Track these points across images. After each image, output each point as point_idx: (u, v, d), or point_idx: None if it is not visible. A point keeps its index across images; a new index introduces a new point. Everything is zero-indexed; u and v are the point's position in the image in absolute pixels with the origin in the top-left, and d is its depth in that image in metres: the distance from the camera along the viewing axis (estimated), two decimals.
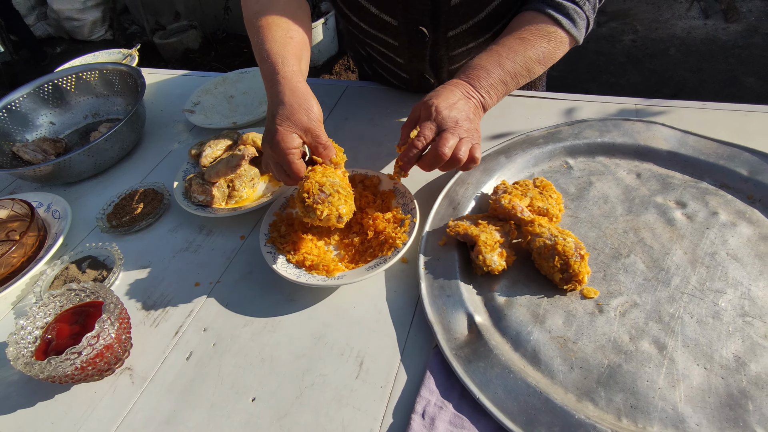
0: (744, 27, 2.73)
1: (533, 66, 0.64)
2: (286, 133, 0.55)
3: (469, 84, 0.62)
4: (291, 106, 0.56)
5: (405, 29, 0.75)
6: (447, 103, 0.58)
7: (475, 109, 0.61)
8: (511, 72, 0.63)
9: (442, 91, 0.61)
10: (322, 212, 0.53)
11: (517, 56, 0.63)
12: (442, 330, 0.52)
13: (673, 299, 0.51)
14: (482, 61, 0.63)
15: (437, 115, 0.58)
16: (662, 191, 0.63)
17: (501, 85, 0.63)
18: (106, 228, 0.73)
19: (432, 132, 0.58)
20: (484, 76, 0.62)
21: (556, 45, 0.65)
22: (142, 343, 0.57)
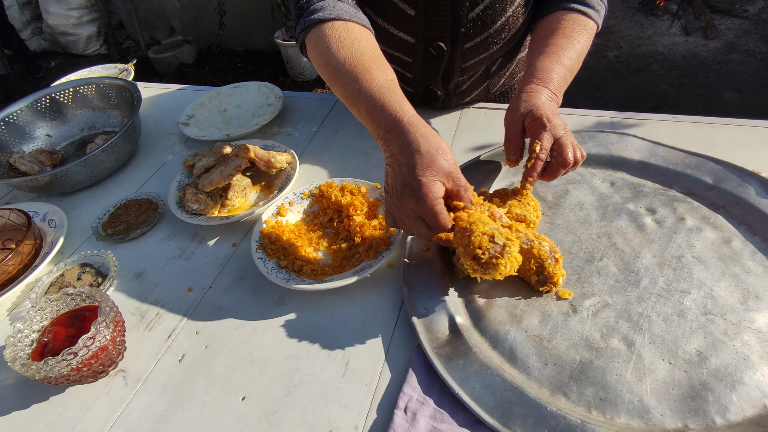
0: (722, 44, 2.83)
1: (580, 57, 0.70)
2: (431, 183, 0.51)
3: (545, 87, 0.64)
4: (429, 153, 0.51)
5: (423, 46, 0.79)
6: (551, 111, 0.61)
7: (557, 110, 0.65)
8: (568, 67, 0.67)
9: (535, 99, 0.62)
10: (506, 266, 0.49)
11: (569, 52, 0.68)
12: (424, 330, 0.54)
13: (641, 299, 0.55)
14: (545, 63, 0.66)
15: (550, 125, 0.60)
16: (634, 199, 0.67)
17: (564, 82, 0.67)
18: (102, 236, 0.75)
19: (551, 142, 0.60)
20: (555, 77, 0.65)
21: (591, 35, 0.71)
22: (136, 347, 0.59)
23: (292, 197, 0.74)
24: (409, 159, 0.52)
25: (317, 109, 0.99)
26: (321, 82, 3.09)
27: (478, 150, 0.81)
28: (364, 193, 0.70)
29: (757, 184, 0.63)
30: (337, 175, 0.82)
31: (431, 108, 0.93)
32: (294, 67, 3.05)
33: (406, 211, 0.54)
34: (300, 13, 0.67)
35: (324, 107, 1.00)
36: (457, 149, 0.82)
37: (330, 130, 0.93)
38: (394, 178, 0.54)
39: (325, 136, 0.92)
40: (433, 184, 0.51)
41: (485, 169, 0.74)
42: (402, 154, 0.53)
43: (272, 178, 0.81)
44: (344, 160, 0.84)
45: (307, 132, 0.94)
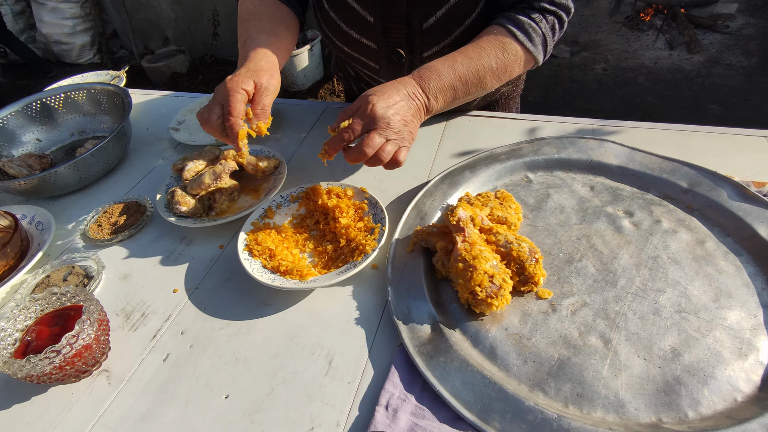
0: (706, 58, 2.91)
1: (485, 75, 0.68)
2: (245, 76, 0.62)
3: (418, 84, 0.64)
4: (261, 66, 0.65)
5: (384, 52, 0.82)
6: (385, 102, 0.60)
7: (417, 111, 0.64)
8: (462, 77, 0.65)
9: (388, 87, 0.62)
10: (498, 306, 0.53)
11: (471, 63, 0.66)
12: (407, 329, 0.55)
13: (619, 298, 0.56)
14: (437, 63, 0.66)
15: (371, 113, 0.59)
16: (613, 202, 0.69)
17: (450, 90, 0.66)
18: (89, 239, 0.75)
19: (360, 127, 0.60)
20: (435, 78, 0.64)
21: (510, 58, 0.69)
22: (120, 346, 0.59)
23: (280, 200, 0.75)
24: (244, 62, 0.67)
25: (307, 116, 1.01)
26: (314, 92, 3.12)
27: (462, 156, 0.83)
28: (350, 195, 0.71)
29: (729, 187, 0.65)
30: (324, 179, 0.83)
31: None
32: (287, 77, 3.08)
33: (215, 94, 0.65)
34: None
35: (313, 114, 1.01)
36: (442, 155, 0.84)
37: (319, 137, 0.94)
38: None
39: (314, 142, 0.93)
40: (246, 79, 0.63)
41: (468, 174, 0.75)
42: (242, 62, 0.68)
43: (260, 182, 0.82)
44: (332, 165, 0.86)
45: (296, 138, 0.95)
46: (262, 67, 0.65)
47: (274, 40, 0.73)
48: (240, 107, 0.61)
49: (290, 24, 0.80)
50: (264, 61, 0.67)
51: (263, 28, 0.74)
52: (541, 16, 0.70)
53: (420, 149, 0.86)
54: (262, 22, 0.75)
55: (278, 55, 0.72)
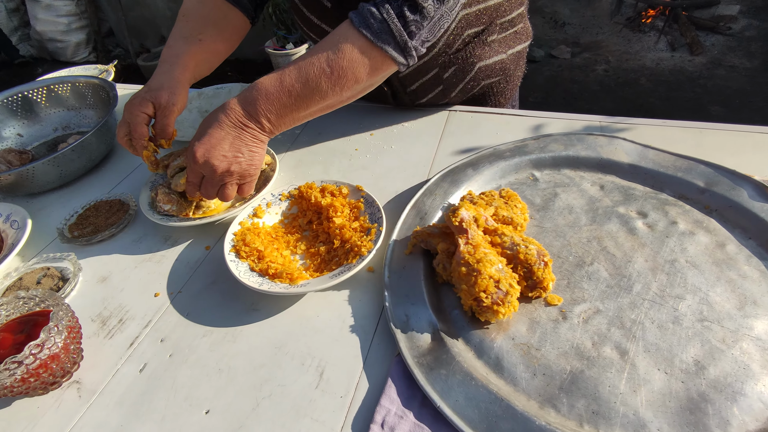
0: (708, 59, 2.88)
1: (318, 81, 0.58)
2: (144, 98, 0.65)
3: (244, 112, 0.59)
4: (161, 84, 0.66)
5: (340, 14, 0.76)
6: (204, 148, 0.59)
7: (251, 138, 0.60)
8: (292, 92, 0.59)
9: (209, 125, 0.60)
10: (504, 314, 0.49)
11: (299, 72, 0.58)
12: (405, 338, 0.51)
13: (634, 305, 0.52)
14: (265, 81, 0.60)
15: (194, 162, 0.60)
16: (624, 202, 0.65)
17: (282, 108, 0.59)
18: (67, 238, 0.71)
19: (197, 178, 0.63)
20: (262, 100, 0.59)
21: (347, 55, 0.58)
22: (94, 355, 0.55)
23: (270, 198, 0.70)
24: (149, 82, 0.69)
25: None
26: None
27: (464, 153, 0.79)
28: (345, 194, 0.67)
29: (750, 187, 0.61)
30: (318, 177, 0.79)
31: (385, 104, 0.92)
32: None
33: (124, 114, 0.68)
34: None
35: None
36: (443, 152, 0.80)
37: (313, 133, 0.90)
38: None
39: (308, 139, 0.89)
40: (145, 102, 0.66)
41: (471, 172, 0.71)
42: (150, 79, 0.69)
43: None
44: (327, 163, 0.81)
45: (290, 134, 0.91)
46: (162, 86, 0.67)
47: (192, 48, 0.71)
48: (141, 130, 0.66)
49: (227, 26, 0.76)
50: (166, 78, 0.68)
51: (184, 33, 0.73)
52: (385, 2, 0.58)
53: (419, 146, 0.82)
54: (188, 25, 0.73)
55: (194, 63, 0.71)
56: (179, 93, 0.68)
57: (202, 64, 0.74)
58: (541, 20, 3.41)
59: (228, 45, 0.78)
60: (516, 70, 0.92)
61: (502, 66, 0.86)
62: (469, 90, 0.88)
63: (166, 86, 0.67)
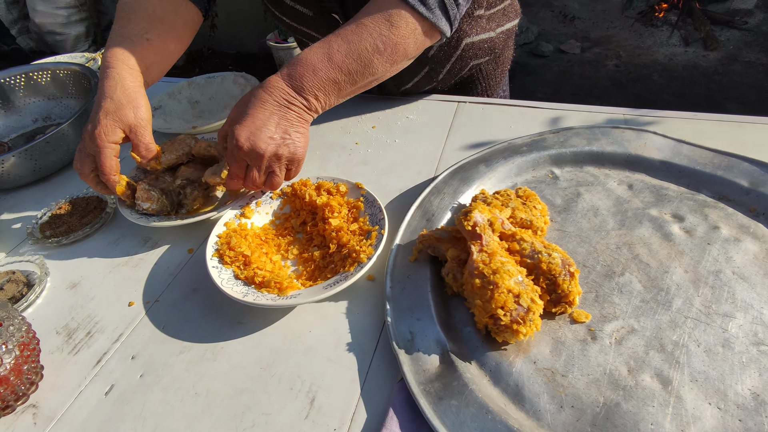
0: (723, 55, 2.78)
1: (371, 58, 0.54)
2: (109, 125, 0.56)
3: (290, 88, 0.53)
4: (119, 101, 0.56)
5: (320, 20, 0.71)
6: (248, 131, 0.52)
7: (297, 118, 0.54)
8: (342, 67, 0.54)
9: (253, 106, 0.53)
10: (526, 334, 0.42)
11: (350, 47, 0.53)
12: (409, 360, 0.44)
13: (675, 324, 0.45)
14: (309, 54, 0.54)
15: (238, 149, 0.53)
16: (657, 203, 0.57)
17: (330, 84, 0.54)
18: (37, 239, 0.64)
19: (240, 170, 0.56)
20: (309, 75, 0.53)
21: (400, 33, 0.54)
22: (56, 374, 0.48)
23: (261, 196, 0.63)
24: (99, 101, 0.57)
25: None
26: None
27: (475, 147, 0.72)
28: (343, 192, 0.60)
29: None
30: (315, 173, 0.72)
31: (369, 93, 0.84)
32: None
33: (84, 147, 0.58)
34: None
35: None
36: (452, 146, 0.72)
37: (311, 125, 0.83)
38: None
39: None
40: (111, 127, 0.56)
41: (483, 168, 0.64)
42: (99, 96, 0.58)
43: None
44: (324, 158, 0.74)
45: None
46: (120, 102, 0.57)
47: (139, 49, 0.62)
48: (112, 163, 0.58)
49: (177, 21, 0.67)
50: (120, 91, 0.57)
51: (128, 32, 0.62)
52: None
53: (425, 140, 0.75)
54: (131, 23, 0.63)
55: (144, 67, 0.62)
56: (142, 103, 0.59)
57: (152, 67, 0.64)
58: (550, 14, 3.32)
59: (180, 43, 0.68)
60: (505, 50, 0.86)
61: (491, 45, 0.80)
62: (457, 72, 0.82)
63: (125, 101, 0.57)
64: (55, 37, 3.66)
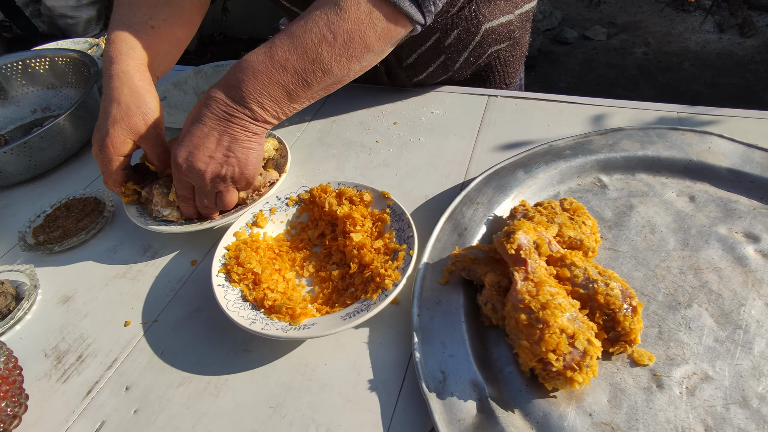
0: (761, 42, 2.62)
1: (319, 51, 0.46)
2: (117, 136, 0.51)
3: (228, 99, 0.47)
4: (128, 107, 0.51)
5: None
6: (187, 151, 0.48)
7: (242, 131, 0.49)
8: (287, 66, 0.46)
9: (188, 124, 0.49)
10: (582, 383, 0.35)
11: (293, 40, 0.46)
12: (441, 407, 0.37)
13: (759, 372, 0.37)
14: (251, 58, 0.47)
15: (179, 172, 0.50)
16: (725, 219, 0.50)
17: (277, 88, 0.47)
18: (29, 245, 0.59)
19: (187, 190, 0.52)
20: (249, 82, 0.46)
21: (352, 15, 0.46)
22: (42, 405, 0.43)
23: (276, 202, 0.57)
24: (106, 106, 0.52)
25: None
26: None
27: (509, 149, 0.64)
28: (367, 202, 0.53)
29: None
30: (332, 174, 0.65)
31: (379, 84, 0.78)
32: None
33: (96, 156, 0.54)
34: None
35: None
36: (483, 147, 0.65)
37: (327, 121, 0.76)
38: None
39: (320, 127, 0.75)
40: (119, 138, 0.51)
41: (522, 175, 0.57)
42: (105, 99, 0.52)
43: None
44: (342, 157, 0.68)
45: (298, 121, 0.77)
46: (129, 109, 0.52)
47: (144, 38, 0.55)
48: (118, 177, 0.55)
49: (182, 4, 0.60)
50: (127, 92, 0.52)
51: (130, 19, 0.56)
52: None
53: (453, 138, 0.67)
54: (133, 8, 0.56)
55: (151, 59, 0.56)
56: (152, 106, 0.53)
57: (160, 58, 0.58)
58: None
59: (188, 28, 0.61)
60: (524, 34, 0.78)
61: (510, 29, 0.72)
62: (474, 60, 0.74)
63: (134, 106, 0.52)
64: (67, 21, 3.61)
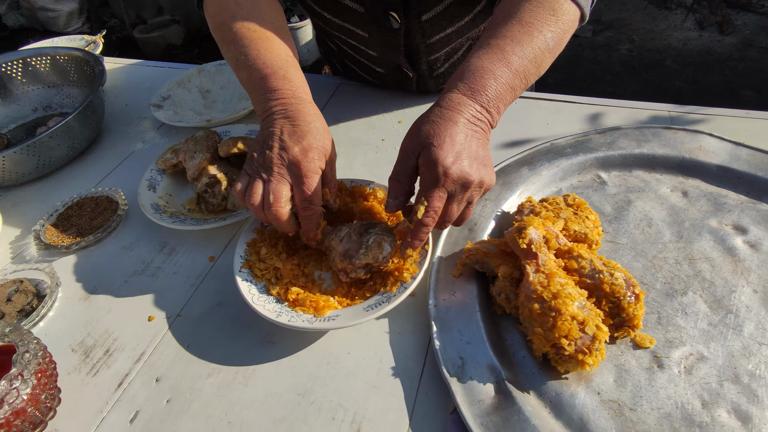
0: (739, 40, 2.71)
1: (543, 57, 0.49)
2: (319, 153, 0.48)
3: (474, 102, 0.45)
4: (324, 131, 0.49)
5: (373, 17, 0.64)
6: (452, 156, 0.43)
7: (484, 137, 0.47)
8: (520, 71, 0.47)
9: (443, 128, 0.44)
10: (592, 365, 0.39)
11: (524, 49, 0.47)
12: (461, 390, 0.40)
13: (749, 352, 0.41)
14: (485, 62, 0.46)
15: (446, 180, 0.43)
16: (715, 213, 0.53)
17: (510, 92, 0.47)
18: (44, 244, 0.60)
19: (443, 201, 0.45)
20: (491, 84, 0.46)
21: (564, 25, 0.50)
22: (75, 397, 0.45)
23: None
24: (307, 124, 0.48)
25: (317, 94, 0.83)
26: (318, 67, 2.92)
27: (511, 146, 0.67)
28: (380, 199, 0.55)
29: None
30: (341, 171, 0.67)
31: (406, 91, 0.80)
32: None
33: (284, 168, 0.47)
34: None
35: (326, 91, 0.85)
36: None
37: (332, 119, 0.78)
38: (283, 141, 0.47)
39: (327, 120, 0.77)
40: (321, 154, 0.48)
41: (526, 172, 0.60)
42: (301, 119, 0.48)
43: None
44: (349, 155, 0.70)
45: None
46: (326, 135, 0.49)
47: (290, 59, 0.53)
48: (320, 194, 0.48)
49: (283, 18, 0.58)
50: (312, 114, 0.49)
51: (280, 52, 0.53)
52: None
53: None
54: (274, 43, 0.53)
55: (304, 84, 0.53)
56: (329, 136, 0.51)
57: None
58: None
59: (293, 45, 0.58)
60: None
61: None
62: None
63: (325, 132, 0.50)
64: (48, 14, 3.53)
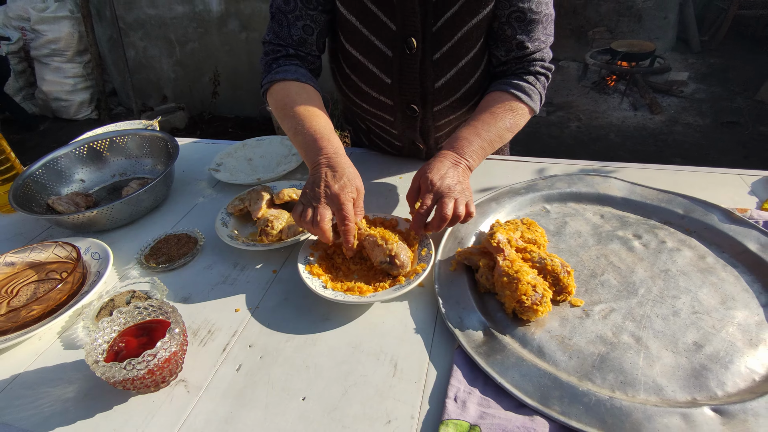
0: (666, 118, 3.24)
1: (503, 133, 0.83)
2: (351, 188, 0.71)
3: (455, 153, 0.78)
4: (355, 174, 0.73)
5: (399, 107, 0.94)
6: (439, 175, 0.74)
7: (464, 171, 0.77)
8: (487, 139, 0.80)
9: (435, 163, 0.76)
10: (543, 312, 0.61)
11: (490, 127, 0.81)
12: (462, 334, 0.62)
13: (641, 304, 0.65)
14: (464, 133, 0.80)
15: (433, 187, 0.73)
16: (622, 227, 0.79)
17: (480, 150, 0.80)
18: (146, 266, 0.80)
19: (431, 200, 0.73)
20: (467, 145, 0.79)
21: (519, 115, 0.84)
22: (193, 359, 0.63)
23: None
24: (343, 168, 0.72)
25: None
26: None
27: (484, 192, 0.94)
28: (394, 225, 0.80)
29: (719, 213, 0.77)
30: None
31: (418, 159, 1.09)
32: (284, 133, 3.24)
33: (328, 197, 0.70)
34: (269, 71, 0.87)
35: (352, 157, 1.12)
36: None
37: None
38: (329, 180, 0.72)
39: None
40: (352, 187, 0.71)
41: (494, 205, 0.85)
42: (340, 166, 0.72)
43: None
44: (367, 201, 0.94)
45: None
46: (357, 176, 0.74)
47: (330, 128, 0.79)
48: (353, 215, 0.71)
49: (322, 102, 0.85)
50: (347, 164, 0.74)
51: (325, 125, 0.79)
52: (535, 78, 0.86)
53: None
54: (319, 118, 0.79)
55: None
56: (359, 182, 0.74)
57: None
58: None
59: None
60: None
61: None
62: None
63: (357, 174, 0.73)
64: (60, 103, 3.87)
